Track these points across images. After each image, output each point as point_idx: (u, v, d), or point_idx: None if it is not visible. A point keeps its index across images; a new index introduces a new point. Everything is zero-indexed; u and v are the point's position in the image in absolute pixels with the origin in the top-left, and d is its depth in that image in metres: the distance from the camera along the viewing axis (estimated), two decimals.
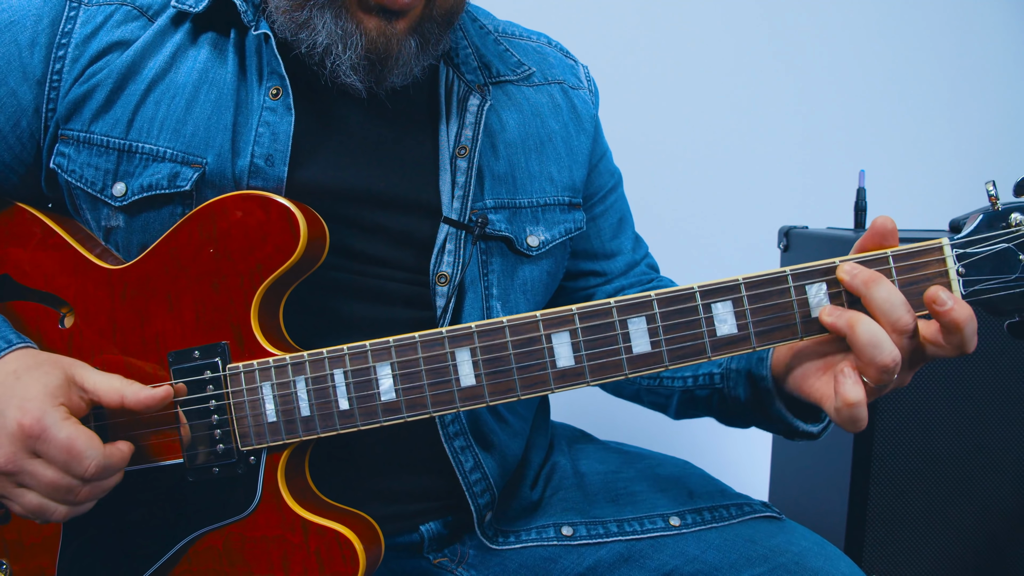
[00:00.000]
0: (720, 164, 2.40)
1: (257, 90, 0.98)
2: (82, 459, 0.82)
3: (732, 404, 1.02)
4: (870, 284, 0.79)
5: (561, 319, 0.85)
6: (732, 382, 1.01)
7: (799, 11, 2.43)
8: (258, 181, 0.96)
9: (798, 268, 0.84)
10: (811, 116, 2.45)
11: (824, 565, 0.95)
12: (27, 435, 0.82)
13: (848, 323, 0.79)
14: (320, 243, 0.94)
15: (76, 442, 0.82)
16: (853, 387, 0.78)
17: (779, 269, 0.84)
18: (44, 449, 0.82)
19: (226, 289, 0.92)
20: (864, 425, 0.80)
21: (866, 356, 0.77)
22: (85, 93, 0.95)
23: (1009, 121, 2.58)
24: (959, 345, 0.78)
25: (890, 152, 2.48)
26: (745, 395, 0.99)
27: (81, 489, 0.84)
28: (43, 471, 0.83)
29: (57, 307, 0.97)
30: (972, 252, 0.83)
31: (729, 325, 0.84)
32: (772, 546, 0.98)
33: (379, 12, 0.93)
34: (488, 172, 1.07)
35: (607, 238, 1.21)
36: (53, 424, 0.82)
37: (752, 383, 0.98)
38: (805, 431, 0.97)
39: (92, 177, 0.96)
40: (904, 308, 0.78)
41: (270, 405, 0.90)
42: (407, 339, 0.87)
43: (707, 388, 1.05)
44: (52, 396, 0.84)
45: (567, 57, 1.23)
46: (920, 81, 2.52)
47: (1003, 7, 2.55)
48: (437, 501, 1.06)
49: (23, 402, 0.82)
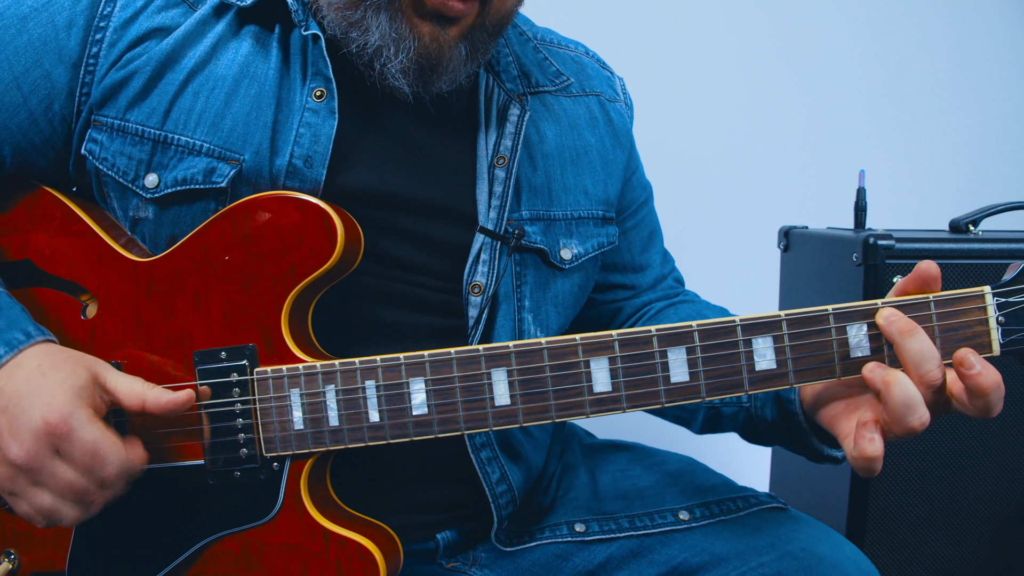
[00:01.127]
0: (720, 164, 2.40)
1: (300, 89, 0.95)
2: (105, 464, 0.81)
3: (759, 424, 1.03)
4: (905, 335, 0.80)
5: (600, 344, 0.84)
6: (760, 402, 1.02)
7: (800, 11, 2.42)
8: (295, 182, 0.94)
9: (840, 308, 0.83)
10: (811, 116, 2.45)
11: (830, 551, 0.97)
12: (52, 433, 0.80)
13: (885, 382, 0.79)
14: (355, 248, 0.93)
15: (101, 445, 0.80)
16: (872, 444, 0.81)
17: (821, 308, 0.84)
18: (68, 449, 0.80)
19: (256, 291, 0.90)
20: (877, 473, 0.83)
21: (895, 415, 0.79)
22: (122, 79, 0.93)
23: (1009, 121, 2.58)
24: (984, 409, 0.80)
25: (890, 152, 2.49)
26: (772, 416, 1.00)
27: (98, 495, 0.82)
28: (63, 471, 0.81)
29: (78, 296, 0.95)
30: (1014, 301, 0.83)
31: (768, 360, 0.84)
32: (779, 535, 0.99)
33: (433, 18, 0.91)
34: (525, 183, 1.05)
35: (637, 252, 1.21)
36: (80, 425, 0.80)
37: (780, 405, 0.98)
38: (830, 455, 0.99)
39: (124, 166, 0.94)
40: (935, 363, 0.79)
41: (298, 413, 0.89)
42: (442, 355, 0.86)
43: (734, 407, 1.07)
44: (79, 397, 0.81)
45: (604, 68, 1.22)
46: (920, 81, 2.51)
47: (1003, 7, 2.56)
48: (458, 511, 1.06)
49: (50, 399, 0.80)
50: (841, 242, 1.68)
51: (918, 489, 1.64)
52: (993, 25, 2.54)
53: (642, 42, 2.32)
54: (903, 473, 1.63)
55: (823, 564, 0.96)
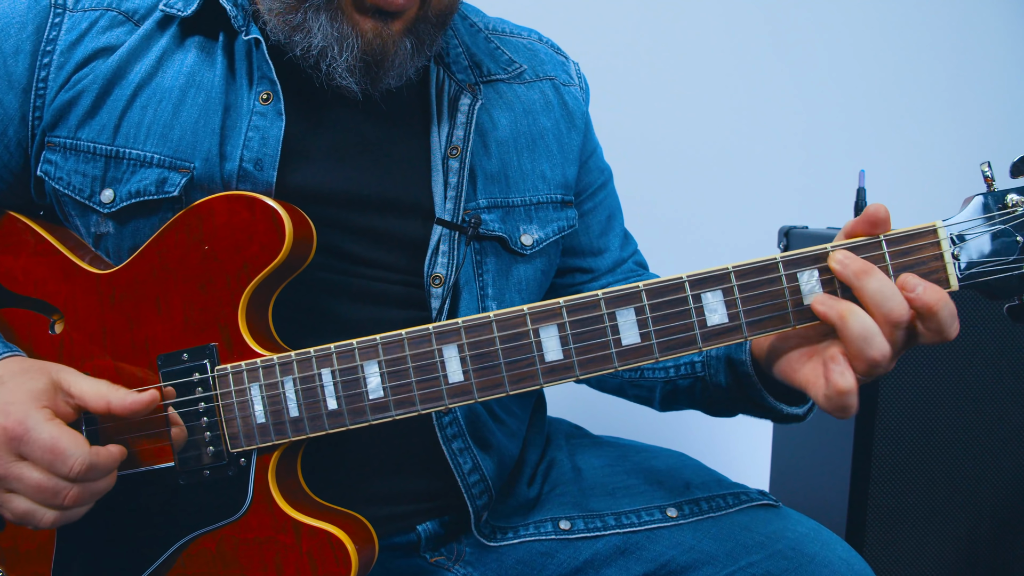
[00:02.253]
0: (720, 164, 2.39)
1: (247, 94, 0.97)
2: (66, 458, 0.81)
3: (715, 392, 1.02)
4: (861, 276, 0.77)
5: (549, 312, 0.84)
6: (713, 369, 1.00)
7: (799, 10, 2.42)
8: (247, 185, 0.95)
9: (789, 255, 0.82)
10: (811, 116, 2.44)
11: (820, 550, 0.95)
12: (10, 437, 0.81)
13: (839, 314, 0.77)
14: (307, 243, 0.94)
15: (59, 442, 0.82)
16: (844, 375, 0.77)
17: (770, 257, 0.82)
18: (28, 451, 0.82)
19: (213, 290, 0.92)
20: (854, 412, 0.79)
21: (855, 348, 0.76)
22: (71, 100, 0.95)
23: (1009, 121, 2.56)
24: (937, 331, 0.76)
25: (890, 152, 2.47)
26: (727, 381, 0.98)
27: (68, 491, 0.83)
28: (29, 473, 0.82)
29: (48, 314, 0.97)
30: (968, 235, 0.81)
31: (720, 315, 0.83)
32: (768, 533, 0.98)
33: (375, 14, 0.92)
34: (480, 171, 1.06)
35: (595, 235, 1.20)
36: (36, 425, 0.82)
37: (732, 368, 0.96)
38: (790, 414, 0.96)
39: (80, 184, 0.96)
40: (897, 299, 0.76)
41: (259, 406, 0.89)
42: (394, 336, 0.86)
43: (689, 378, 1.04)
44: (35, 399, 0.83)
45: (558, 53, 1.22)
46: (920, 81, 2.50)
47: (1003, 7, 2.53)
48: (434, 501, 1.05)
49: (6, 406, 0.82)
50: None
51: (918, 489, 1.62)
52: (993, 25, 2.52)
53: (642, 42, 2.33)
54: (903, 473, 1.61)
55: (813, 563, 0.95)
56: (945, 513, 1.63)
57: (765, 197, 2.40)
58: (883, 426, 1.59)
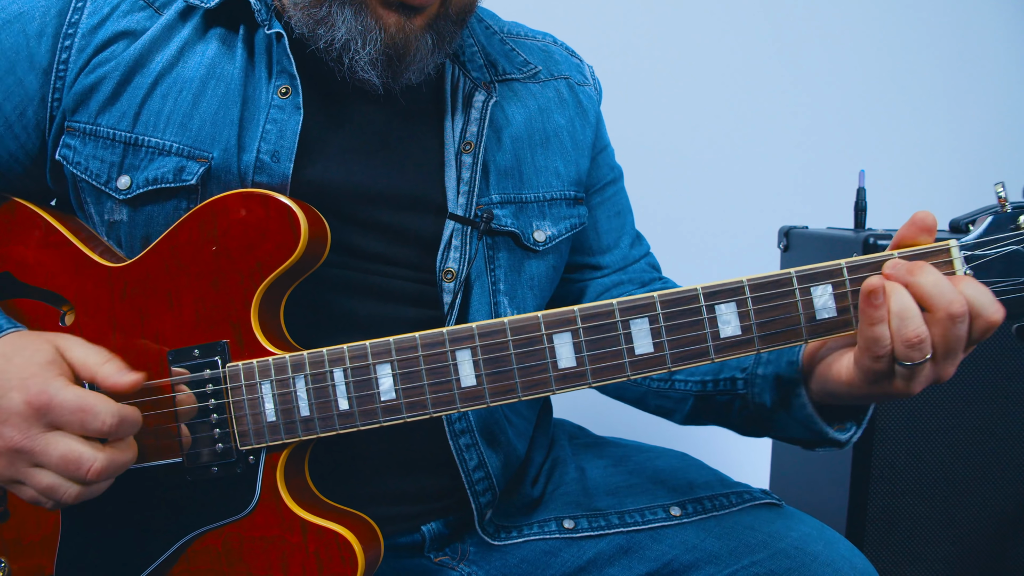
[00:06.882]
0: (720, 164, 2.40)
1: (266, 87, 0.97)
2: (97, 412, 0.81)
3: (756, 411, 0.99)
4: (915, 271, 0.77)
5: (563, 320, 0.84)
6: (758, 388, 0.98)
7: (800, 11, 2.42)
8: (263, 177, 0.95)
9: (803, 270, 0.83)
10: (811, 116, 2.45)
11: (824, 549, 0.96)
12: (35, 408, 0.81)
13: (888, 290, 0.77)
14: (322, 242, 0.94)
15: (86, 399, 0.81)
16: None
17: (784, 271, 0.83)
18: (56, 416, 0.81)
19: (226, 287, 0.91)
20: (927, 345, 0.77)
21: (892, 327, 0.76)
22: (92, 85, 0.95)
23: (1009, 121, 2.57)
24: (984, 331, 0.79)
25: (890, 152, 2.48)
26: (772, 401, 0.96)
27: (94, 462, 0.81)
28: (57, 441, 0.81)
29: (58, 305, 0.97)
30: (980, 254, 0.82)
31: (733, 327, 0.83)
32: (771, 532, 0.98)
33: (398, 8, 0.93)
34: (493, 167, 1.06)
35: (603, 231, 1.21)
36: (58, 391, 0.81)
37: (779, 385, 0.94)
38: (833, 439, 0.93)
39: (97, 169, 0.96)
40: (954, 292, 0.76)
41: (269, 404, 0.89)
42: (407, 339, 0.86)
43: (728, 394, 1.02)
44: (49, 368, 0.83)
45: (572, 56, 1.23)
46: (920, 81, 2.51)
47: (1003, 7, 2.54)
48: (439, 501, 1.05)
49: (23, 381, 0.81)
50: (841, 242, 1.68)
51: (918, 489, 1.63)
52: (993, 25, 2.54)
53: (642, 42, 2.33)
54: (903, 473, 1.62)
55: (816, 562, 0.95)
56: (945, 513, 1.63)
57: (765, 197, 2.41)
58: (883, 427, 1.60)
